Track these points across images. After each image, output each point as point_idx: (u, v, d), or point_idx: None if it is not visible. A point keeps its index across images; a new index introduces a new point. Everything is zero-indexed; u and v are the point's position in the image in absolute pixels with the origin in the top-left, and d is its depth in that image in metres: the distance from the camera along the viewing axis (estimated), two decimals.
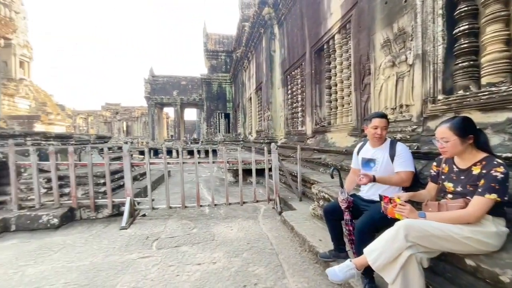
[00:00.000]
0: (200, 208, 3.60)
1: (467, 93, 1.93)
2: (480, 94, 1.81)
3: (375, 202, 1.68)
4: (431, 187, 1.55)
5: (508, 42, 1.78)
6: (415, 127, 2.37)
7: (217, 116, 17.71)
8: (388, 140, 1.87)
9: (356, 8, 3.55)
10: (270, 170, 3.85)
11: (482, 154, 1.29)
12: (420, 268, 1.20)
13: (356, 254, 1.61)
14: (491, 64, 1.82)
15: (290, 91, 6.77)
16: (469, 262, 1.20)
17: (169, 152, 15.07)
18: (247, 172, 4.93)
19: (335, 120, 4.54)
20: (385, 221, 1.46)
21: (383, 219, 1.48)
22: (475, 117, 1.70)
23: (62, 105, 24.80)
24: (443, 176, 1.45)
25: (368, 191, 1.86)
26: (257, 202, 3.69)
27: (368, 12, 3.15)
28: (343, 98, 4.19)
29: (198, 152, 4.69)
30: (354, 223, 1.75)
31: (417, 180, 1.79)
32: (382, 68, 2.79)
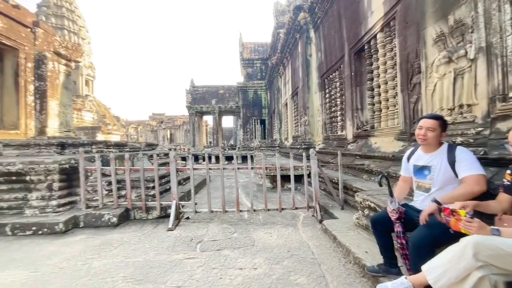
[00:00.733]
0: (240, 213, 3.67)
1: None
2: None
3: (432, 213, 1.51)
4: (503, 198, 1.34)
5: None
6: (480, 129, 2.08)
7: (253, 123, 18.04)
8: (445, 144, 1.68)
9: (402, 3, 3.32)
10: (309, 176, 3.76)
11: None
12: None
13: (411, 271, 1.46)
14: None
15: (328, 95, 6.57)
16: None
17: (207, 157, 15.80)
18: (284, 178, 4.89)
19: (379, 123, 4.24)
20: (447, 235, 1.29)
21: (444, 233, 1.31)
22: None
23: (117, 116, 28.03)
24: None
25: (423, 201, 1.67)
26: (296, 209, 3.62)
27: (416, 6, 2.92)
28: (388, 100, 3.90)
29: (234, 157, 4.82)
30: (407, 236, 1.60)
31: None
32: (435, 66, 2.53)
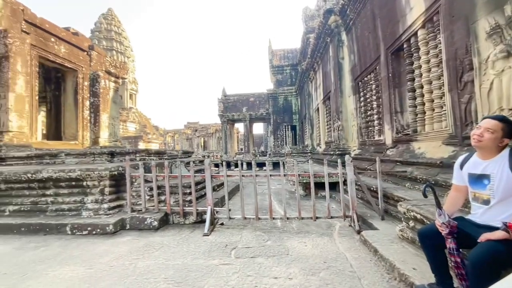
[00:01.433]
0: (273, 220, 3.64)
1: None
2: None
3: (495, 228, 1.33)
4: None
5: None
6: None
7: (283, 129, 17.96)
8: (506, 149, 1.45)
9: None
10: (343, 184, 3.59)
11: None
12: None
13: None
14: None
15: (362, 98, 6.27)
16: None
17: (238, 164, 16.11)
18: (318, 186, 4.74)
19: (422, 127, 3.90)
20: None
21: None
22: None
23: (156, 126, 30.26)
24: None
25: (483, 215, 1.47)
26: (331, 218, 3.47)
27: None
28: (433, 101, 3.58)
29: (266, 164, 4.84)
30: (461, 253, 1.42)
31: None
32: (491, 61, 2.27)
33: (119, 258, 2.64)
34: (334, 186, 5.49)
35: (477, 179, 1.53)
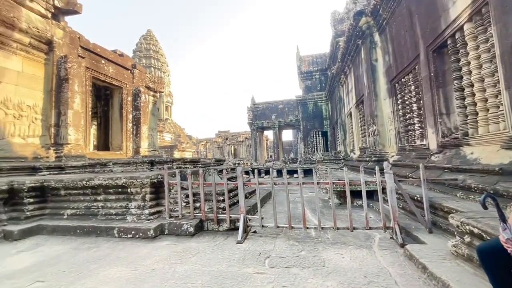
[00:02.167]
0: (306, 230, 3.54)
1: None
2: None
3: None
4: None
5: None
6: None
7: (314, 135, 17.55)
8: None
9: None
10: (382, 192, 3.35)
11: None
12: None
13: None
14: None
15: (400, 101, 5.87)
16: None
17: (267, 171, 16.05)
18: (353, 194, 4.50)
19: (475, 129, 3.51)
20: None
21: None
22: None
23: (189, 135, 31.83)
24: None
25: None
26: (369, 229, 3.26)
27: None
28: (487, 101, 3.21)
29: (296, 171, 4.75)
30: None
31: None
32: None
33: (159, 262, 2.79)
34: (370, 195, 5.17)
35: None
